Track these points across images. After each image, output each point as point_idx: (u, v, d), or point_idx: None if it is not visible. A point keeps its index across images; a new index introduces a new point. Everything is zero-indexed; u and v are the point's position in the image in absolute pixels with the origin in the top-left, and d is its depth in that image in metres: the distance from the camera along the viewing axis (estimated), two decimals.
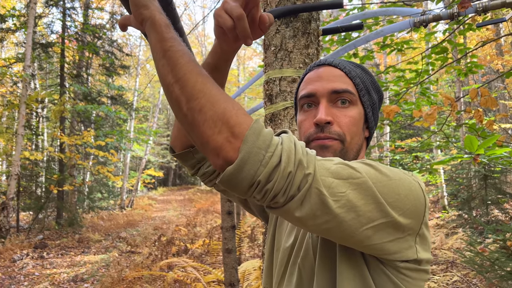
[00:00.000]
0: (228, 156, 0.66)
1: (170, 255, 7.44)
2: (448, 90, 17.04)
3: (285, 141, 0.68)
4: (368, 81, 0.92)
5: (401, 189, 0.72)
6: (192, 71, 0.69)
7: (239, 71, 32.23)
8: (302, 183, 0.66)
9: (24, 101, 9.78)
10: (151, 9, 0.75)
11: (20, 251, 8.45)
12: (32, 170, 12.88)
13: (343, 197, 0.67)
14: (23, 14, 12.04)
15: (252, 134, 0.66)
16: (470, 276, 5.38)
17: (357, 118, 0.89)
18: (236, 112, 0.67)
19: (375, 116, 0.94)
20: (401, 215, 0.71)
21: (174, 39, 0.72)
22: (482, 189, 8.29)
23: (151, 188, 31.07)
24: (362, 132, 0.91)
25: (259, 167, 0.65)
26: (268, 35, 1.60)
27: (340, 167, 0.70)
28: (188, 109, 0.68)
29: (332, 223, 0.68)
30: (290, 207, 0.67)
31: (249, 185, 0.66)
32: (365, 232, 0.69)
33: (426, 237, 0.77)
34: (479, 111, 3.29)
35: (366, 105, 0.90)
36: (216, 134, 0.66)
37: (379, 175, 0.71)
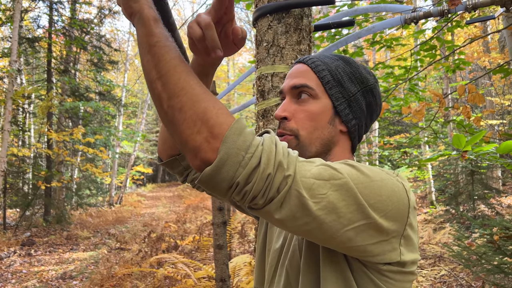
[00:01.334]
0: (206, 156, 0.65)
1: (160, 252, 7.42)
2: (436, 86, 17.22)
3: (266, 142, 0.67)
4: (343, 72, 0.88)
5: (383, 190, 0.71)
6: (176, 68, 0.68)
7: (229, 67, 32.13)
8: (281, 185, 0.65)
9: (10, 97, 9.63)
10: (141, 3, 0.74)
11: (7, 248, 8.35)
12: (19, 167, 12.70)
13: (324, 199, 0.66)
14: (9, 8, 11.83)
15: (232, 134, 0.65)
16: (458, 270, 5.47)
17: (316, 112, 0.86)
18: (217, 112, 0.66)
19: (354, 109, 0.88)
20: (383, 217, 0.70)
21: (161, 35, 0.71)
22: (469, 184, 8.42)
23: (140, 184, 30.88)
24: (328, 125, 0.87)
25: (238, 168, 0.64)
26: (260, 31, 1.60)
27: (322, 168, 0.69)
28: (168, 107, 0.67)
29: (313, 224, 0.67)
30: (270, 208, 0.67)
31: (228, 186, 0.66)
32: (346, 234, 0.68)
33: (411, 238, 0.76)
34: (466, 107, 3.34)
35: (335, 97, 0.86)
36: (195, 134, 0.65)
37: (361, 176, 0.70)
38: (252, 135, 0.67)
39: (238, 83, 2.55)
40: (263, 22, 1.59)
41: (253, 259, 5.05)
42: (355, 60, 0.92)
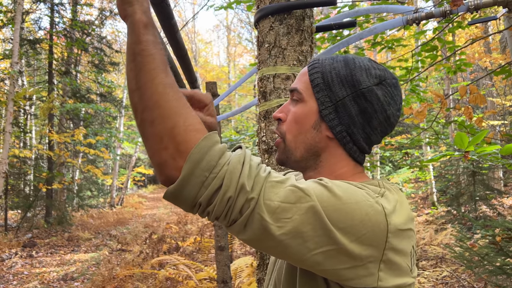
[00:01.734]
0: (170, 174, 0.65)
1: (161, 253, 7.42)
2: (437, 87, 17.21)
3: (233, 161, 0.65)
4: (336, 75, 0.81)
5: (356, 214, 0.66)
6: (154, 79, 0.67)
7: (230, 68, 32.15)
8: (244, 207, 0.64)
9: (12, 98, 9.64)
10: (134, 7, 0.72)
11: (9, 250, 8.35)
12: (20, 168, 12.72)
13: (288, 223, 0.64)
14: (10, 10, 11.85)
15: (197, 153, 0.64)
16: (460, 271, 5.45)
17: (301, 115, 0.83)
18: (186, 128, 0.65)
19: (340, 114, 0.81)
20: (354, 242, 0.66)
21: (148, 43, 0.69)
22: (470, 185, 8.40)
23: (141, 186, 30.89)
24: (311, 130, 0.83)
25: (200, 188, 0.64)
26: (262, 32, 1.60)
27: (290, 190, 0.66)
28: (141, 120, 0.67)
29: (278, 248, 0.66)
30: (234, 229, 0.67)
31: (191, 205, 0.66)
32: (314, 258, 0.66)
33: (396, 263, 0.70)
34: (468, 108, 3.33)
35: (320, 101, 0.82)
36: (161, 150, 0.65)
37: (331, 198, 0.67)
38: (220, 153, 0.65)
39: (239, 84, 2.55)
40: (265, 23, 1.59)
41: (255, 260, 5.04)
42: (360, 61, 0.84)
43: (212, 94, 3.28)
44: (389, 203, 0.71)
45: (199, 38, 35.29)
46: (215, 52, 50.67)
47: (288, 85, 1.54)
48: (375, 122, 0.81)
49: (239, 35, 32.37)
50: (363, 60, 0.84)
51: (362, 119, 0.81)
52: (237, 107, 30.42)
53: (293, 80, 1.55)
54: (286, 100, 1.54)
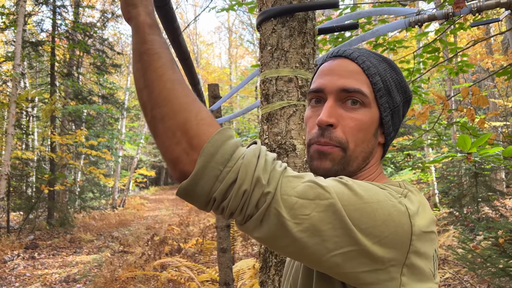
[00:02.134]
0: (184, 169, 0.63)
1: (163, 255, 7.42)
2: (439, 88, 17.19)
3: (248, 155, 0.63)
4: (392, 80, 0.80)
5: (378, 214, 0.63)
6: (161, 76, 0.66)
7: (231, 70, 32.18)
8: (260, 202, 0.62)
9: (14, 100, 9.67)
10: (139, 9, 0.72)
11: (11, 251, 8.37)
12: (23, 170, 12.75)
13: (306, 220, 0.61)
14: (13, 12, 11.89)
15: (210, 146, 0.62)
16: (462, 273, 5.44)
17: (367, 122, 0.77)
18: (198, 123, 0.64)
19: (395, 120, 0.81)
20: (376, 244, 0.62)
21: (153, 41, 0.69)
22: (472, 186, 8.38)
23: (143, 187, 30.93)
24: (372, 138, 0.79)
25: (215, 182, 0.62)
26: (264, 35, 1.60)
27: (308, 186, 0.63)
28: (152, 117, 0.66)
29: (294, 247, 0.63)
30: (249, 226, 0.64)
31: (205, 201, 0.64)
32: (333, 259, 0.62)
33: (418, 267, 0.67)
34: (470, 109, 3.33)
35: (383, 107, 0.78)
36: (174, 145, 0.64)
37: (352, 196, 0.64)
38: (234, 147, 0.64)
39: (241, 86, 2.56)
40: (267, 26, 1.59)
41: (257, 262, 5.04)
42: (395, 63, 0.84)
43: (214, 96, 3.28)
44: (412, 204, 0.68)
45: (201, 40, 35.35)
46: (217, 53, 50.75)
47: (290, 88, 1.54)
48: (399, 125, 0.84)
49: (240, 37, 32.41)
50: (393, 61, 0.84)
51: (399, 120, 0.83)
52: (239, 108, 30.44)
53: (296, 83, 1.55)
54: (289, 102, 1.54)
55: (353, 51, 0.81)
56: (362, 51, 0.82)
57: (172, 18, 1.10)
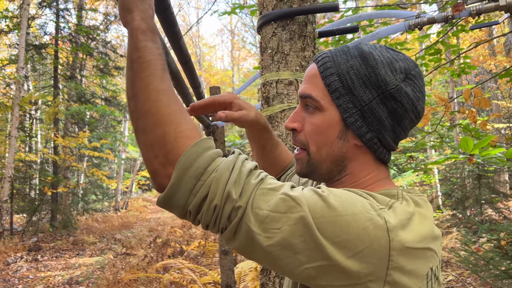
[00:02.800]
0: (161, 182, 0.64)
1: (166, 257, 7.42)
2: (441, 90, 17.16)
3: (221, 168, 0.63)
4: (356, 76, 0.73)
5: (352, 227, 0.60)
6: (148, 86, 0.66)
7: (234, 72, 32.23)
8: (231, 215, 0.62)
9: (18, 103, 9.72)
10: (134, 14, 0.71)
11: (14, 254, 8.39)
12: (26, 172, 12.80)
13: (277, 234, 0.60)
14: (16, 16, 11.96)
15: (185, 160, 0.62)
16: (465, 275, 5.42)
17: (322, 126, 0.75)
18: (176, 136, 0.64)
19: (368, 120, 0.73)
20: (350, 258, 0.59)
21: (146, 49, 0.68)
22: (476, 188, 8.36)
23: (145, 189, 30.97)
24: (337, 140, 0.75)
25: (189, 196, 0.62)
26: (265, 38, 1.61)
27: (281, 199, 0.61)
28: (136, 127, 0.67)
29: (267, 259, 0.62)
30: (224, 237, 0.65)
31: (182, 213, 0.65)
32: (306, 272, 0.61)
33: (403, 285, 0.62)
34: (472, 111, 3.32)
35: (343, 108, 0.73)
36: (152, 158, 0.65)
37: (325, 208, 0.61)
38: (209, 160, 0.64)
39: (243, 89, 2.57)
40: (268, 29, 1.60)
41: (259, 264, 5.04)
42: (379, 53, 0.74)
43: None
44: (395, 216, 0.63)
45: (203, 42, 35.42)
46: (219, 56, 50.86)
47: (290, 91, 1.55)
48: (406, 122, 0.75)
49: (243, 39, 32.47)
50: (382, 52, 0.74)
51: (392, 121, 0.74)
52: None
53: (296, 86, 1.56)
54: (290, 105, 1.55)
55: (323, 53, 0.78)
56: (337, 53, 0.77)
57: (173, 23, 1.11)
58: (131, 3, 0.72)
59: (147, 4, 0.73)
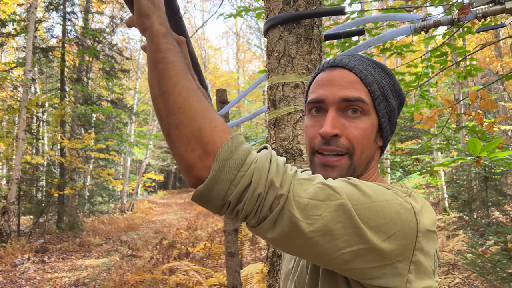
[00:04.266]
0: (199, 174, 0.66)
1: (172, 259, 7.44)
2: (447, 92, 17.09)
3: (260, 159, 0.66)
4: (387, 85, 0.82)
5: (386, 212, 0.66)
6: (176, 85, 0.69)
7: (239, 74, 32.27)
8: (273, 204, 0.64)
9: (25, 106, 9.81)
10: (152, 19, 0.75)
11: (21, 255, 8.45)
12: (33, 174, 12.89)
13: (318, 220, 0.64)
14: (24, 19, 12.07)
15: (224, 152, 0.65)
16: (472, 278, 5.39)
17: (369, 129, 0.80)
18: (212, 130, 0.66)
19: (391, 124, 0.84)
20: (385, 241, 0.66)
21: (168, 50, 0.72)
22: (482, 190, 8.30)
23: (151, 191, 31.06)
24: (374, 143, 0.82)
25: (229, 187, 0.64)
26: (271, 41, 1.62)
27: (319, 187, 0.66)
28: (167, 123, 0.69)
29: (306, 245, 0.66)
30: (263, 227, 0.66)
31: (220, 204, 0.66)
32: (343, 257, 0.66)
33: (423, 265, 0.70)
34: (479, 113, 3.31)
35: (382, 113, 0.81)
36: (189, 152, 0.66)
37: (361, 196, 0.67)
38: (246, 153, 0.66)
39: (248, 92, 2.58)
40: (274, 33, 1.61)
41: (265, 266, 5.05)
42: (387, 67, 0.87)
43: (222, 101, 3.31)
44: (417, 203, 0.71)
45: (209, 45, 35.53)
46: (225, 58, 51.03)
47: (297, 93, 1.56)
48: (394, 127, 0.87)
49: (248, 41, 32.51)
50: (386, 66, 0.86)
51: (395, 122, 0.85)
52: (246, 112, 30.49)
53: (302, 89, 1.57)
54: (296, 108, 1.56)
55: (349, 60, 0.83)
56: (358, 59, 0.84)
57: (182, 27, 1.13)
58: (148, 9, 0.76)
59: (162, 10, 0.78)
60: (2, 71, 11.98)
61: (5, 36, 12.07)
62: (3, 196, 10.88)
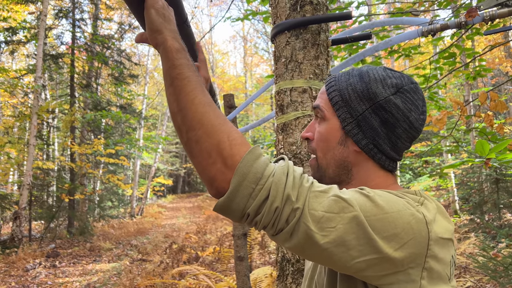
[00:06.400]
0: (220, 187, 0.69)
1: (181, 263, 7.46)
2: (457, 93, 16.95)
3: (277, 173, 0.69)
4: (353, 91, 0.84)
5: (399, 222, 0.69)
6: (193, 100, 0.71)
7: (247, 78, 32.33)
8: (290, 217, 0.67)
9: (36, 112, 9.93)
10: (164, 34, 0.77)
11: (33, 260, 8.53)
12: (44, 180, 13.02)
13: (332, 232, 0.67)
14: (34, 26, 12.25)
15: (243, 166, 0.67)
16: (484, 281, 5.33)
17: (325, 133, 0.87)
18: (231, 143, 0.69)
19: (364, 128, 0.83)
20: (397, 250, 0.68)
21: (183, 66, 0.74)
22: (494, 192, 8.21)
23: (160, 195, 31.18)
24: (338, 146, 0.85)
25: (248, 199, 0.67)
26: (279, 47, 1.63)
27: (333, 200, 0.69)
28: (187, 139, 0.72)
29: (322, 255, 0.69)
30: (279, 238, 0.69)
31: (240, 215, 0.69)
32: (357, 265, 0.68)
33: (436, 271, 0.72)
34: (489, 115, 3.29)
35: (342, 118, 0.84)
36: (210, 165, 0.69)
37: (374, 208, 0.69)
38: (264, 165, 0.69)
39: (255, 97, 2.59)
40: (281, 38, 1.62)
41: (274, 270, 5.04)
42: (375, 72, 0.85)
43: (230, 106, 3.33)
44: (429, 212, 0.73)
45: (216, 49, 35.66)
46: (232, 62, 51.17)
47: (304, 98, 1.57)
48: (399, 130, 0.83)
49: (255, 45, 32.60)
50: (378, 71, 0.85)
51: (386, 129, 0.83)
52: (254, 116, 30.51)
53: (310, 94, 1.58)
54: (304, 113, 1.57)
55: (332, 75, 0.92)
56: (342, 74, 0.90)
57: (190, 35, 1.15)
58: (160, 25, 0.78)
59: (173, 24, 0.81)
60: (13, 78, 12.15)
61: (16, 44, 12.25)
62: (15, 202, 11.00)
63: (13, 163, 11.94)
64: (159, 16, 0.79)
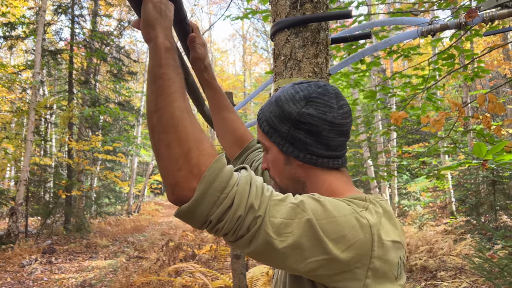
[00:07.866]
0: (182, 193, 0.70)
1: (178, 261, 7.46)
2: (455, 95, 16.98)
3: (241, 182, 0.72)
4: (274, 117, 0.92)
5: (345, 226, 0.74)
6: (173, 103, 0.72)
7: (245, 77, 32.32)
8: (251, 224, 0.71)
9: (33, 108, 9.90)
10: (157, 31, 0.77)
11: (29, 256, 8.52)
12: (41, 176, 12.99)
13: (289, 237, 0.71)
14: (32, 22, 12.21)
15: (209, 175, 0.70)
16: (479, 282, 5.35)
17: (272, 160, 0.94)
18: (200, 153, 0.71)
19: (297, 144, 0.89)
20: (344, 251, 0.73)
21: (169, 66, 0.74)
22: (490, 194, 8.24)
23: (157, 193, 31.16)
24: (285, 167, 0.93)
25: (212, 207, 0.70)
26: (278, 45, 1.63)
27: (290, 207, 0.73)
28: (158, 140, 0.72)
29: (278, 259, 0.73)
30: (239, 244, 0.73)
31: (202, 222, 0.72)
32: (309, 266, 0.73)
33: (382, 271, 0.77)
34: (487, 117, 3.29)
35: (277, 143, 0.92)
36: (176, 171, 0.70)
37: (324, 212, 0.74)
38: (229, 175, 0.71)
39: (254, 95, 2.59)
40: (281, 36, 1.62)
41: (270, 269, 5.04)
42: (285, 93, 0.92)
43: None
44: (372, 216, 0.78)
45: (215, 47, 35.62)
46: (231, 61, 51.06)
47: None
48: (324, 133, 0.88)
49: (254, 44, 32.57)
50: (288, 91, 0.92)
51: (313, 137, 0.88)
52: (252, 115, 30.50)
53: None
54: None
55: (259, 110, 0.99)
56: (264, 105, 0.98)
57: (188, 33, 1.14)
58: (154, 20, 0.78)
59: (168, 21, 0.80)
60: (12, 73, 12.10)
61: (14, 39, 12.20)
62: (12, 198, 10.97)
63: (10, 159, 11.90)
64: (155, 10, 0.78)
